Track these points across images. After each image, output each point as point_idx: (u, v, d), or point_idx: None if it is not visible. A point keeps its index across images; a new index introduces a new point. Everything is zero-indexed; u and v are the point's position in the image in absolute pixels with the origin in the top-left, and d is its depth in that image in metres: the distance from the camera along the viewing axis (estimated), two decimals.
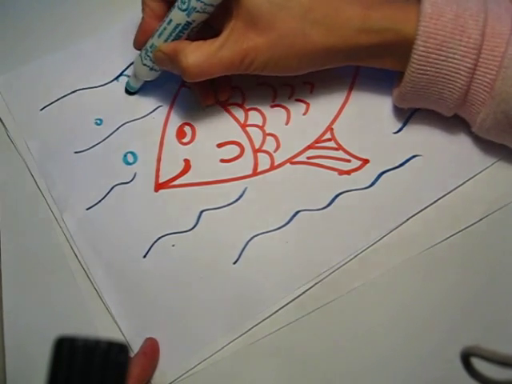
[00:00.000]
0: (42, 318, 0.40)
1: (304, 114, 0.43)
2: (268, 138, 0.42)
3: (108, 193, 0.42)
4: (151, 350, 0.37)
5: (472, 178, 0.39)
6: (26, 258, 0.41)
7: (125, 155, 0.43)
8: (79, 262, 0.41)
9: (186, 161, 0.42)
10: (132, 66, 0.44)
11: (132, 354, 0.37)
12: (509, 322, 0.36)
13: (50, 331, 0.36)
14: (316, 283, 0.38)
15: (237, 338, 0.37)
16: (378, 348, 0.36)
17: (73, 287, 0.40)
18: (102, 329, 0.39)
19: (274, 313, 0.37)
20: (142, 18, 0.41)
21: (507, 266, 0.37)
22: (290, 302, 0.37)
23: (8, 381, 0.38)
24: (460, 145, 0.40)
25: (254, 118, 0.43)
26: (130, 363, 0.22)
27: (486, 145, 0.39)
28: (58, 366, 0.21)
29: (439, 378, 0.35)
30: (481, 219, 0.38)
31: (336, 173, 0.40)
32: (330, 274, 0.38)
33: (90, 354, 0.21)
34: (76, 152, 0.44)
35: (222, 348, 0.37)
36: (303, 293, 0.38)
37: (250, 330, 0.37)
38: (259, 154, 0.42)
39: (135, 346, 0.37)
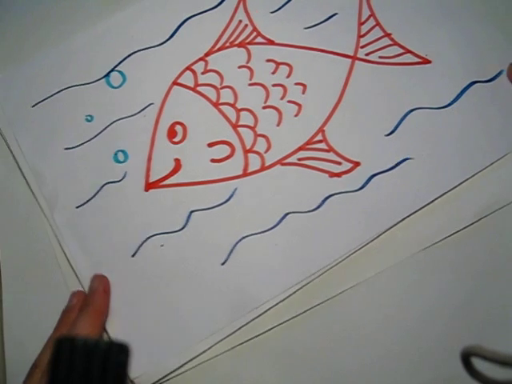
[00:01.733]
0: (42, 318, 0.39)
1: (296, 115, 0.42)
2: (259, 138, 0.42)
3: (98, 191, 0.42)
4: (108, 286, 0.39)
5: (464, 181, 0.39)
6: (23, 257, 0.41)
7: (115, 153, 0.43)
8: (68, 261, 0.41)
9: (177, 160, 0.42)
10: None
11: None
12: (508, 322, 0.36)
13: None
14: (304, 285, 0.38)
15: (224, 338, 0.37)
16: (377, 348, 0.36)
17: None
18: None
19: (261, 315, 0.37)
20: None
21: (503, 265, 0.37)
22: (277, 303, 0.37)
23: (8, 381, 0.38)
24: (452, 149, 0.40)
25: (246, 118, 0.43)
26: (129, 361, 0.22)
27: (478, 149, 0.39)
28: (58, 366, 0.21)
29: (439, 378, 0.35)
30: (472, 223, 0.38)
31: (326, 175, 0.40)
32: (318, 277, 0.38)
33: (89, 354, 0.21)
34: (66, 148, 0.43)
35: (210, 348, 0.37)
36: (290, 295, 0.37)
37: (237, 330, 0.37)
38: (250, 155, 0.42)
39: None
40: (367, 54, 0.43)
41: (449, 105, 0.41)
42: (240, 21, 0.46)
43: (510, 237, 0.38)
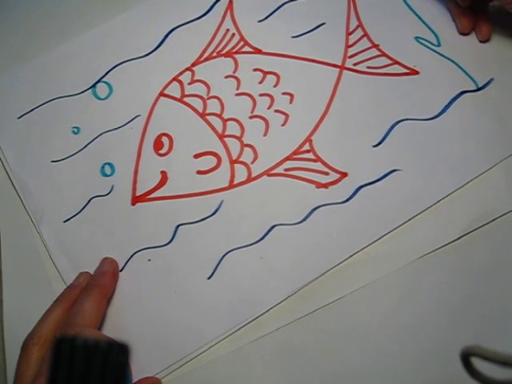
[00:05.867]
0: None
1: (283, 124, 0.42)
2: (246, 148, 0.42)
3: (86, 205, 0.42)
4: (116, 270, 0.40)
5: (453, 192, 0.39)
6: (24, 257, 0.41)
7: (102, 167, 0.43)
8: (59, 272, 0.41)
9: (163, 173, 0.42)
10: None
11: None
12: (508, 322, 0.36)
13: None
14: (289, 297, 0.38)
15: (209, 348, 0.37)
16: (377, 348, 0.36)
17: None
18: None
19: (239, 328, 0.37)
20: None
21: (501, 267, 0.37)
22: (261, 314, 0.37)
23: (8, 381, 0.38)
24: (440, 160, 0.39)
25: (233, 128, 0.42)
26: (128, 361, 0.22)
27: (466, 161, 0.39)
28: (58, 366, 0.21)
29: (439, 378, 0.35)
30: (459, 238, 0.38)
31: (313, 186, 0.40)
32: (303, 289, 0.38)
33: (89, 353, 0.21)
34: (53, 161, 0.43)
35: (196, 357, 0.37)
36: (279, 304, 0.37)
37: (222, 340, 0.37)
38: (236, 166, 0.41)
39: None
40: (355, 64, 0.43)
41: (437, 116, 0.40)
42: (227, 30, 0.45)
43: (504, 243, 0.38)
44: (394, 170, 0.40)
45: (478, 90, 0.41)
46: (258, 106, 0.43)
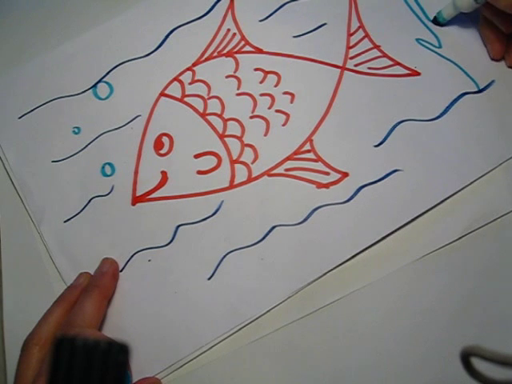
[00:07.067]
0: None
1: (283, 124, 0.42)
2: (246, 148, 0.42)
3: (86, 205, 0.42)
4: (117, 271, 0.40)
5: (454, 194, 0.39)
6: (25, 257, 0.42)
7: (103, 167, 0.43)
8: (59, 272, 0.41)
9: (163, 173, 0.42)
10: None
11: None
12: (508, 322, 0.36)
13: None
14: (289, 297, 0.38)
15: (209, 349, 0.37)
16: (377, 349, 0.36)
17: None
18: None
19: (240, 329, 0.37)
20: None
21: (501, 267, 0.37)
22: (262, 315, 0.37)
23: (8, 381, 0.38)
24: (442, 161, 0.39)
25: (233, 128, 0.42)
26: (128, 361, 0.22)
27: (467, 162, 0.39)
28: (58, 366, 0.21)
29: (439, 379, 0.35)
30: (460, 238, 0.38)
31: (314, 186, 0.40)
32: (303, 289, 0.38)
33: (89, 354, 0.21)
34: (53, 161, 0.43)
35: (196, 357, 0.37)
36: (279, 304, 0.37)
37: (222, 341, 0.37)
38: (236, 166, 0.41)
39: None
40: (356, 65, 0.43)
41: (438, 117, 0.40)
42: (228, 30, 0.45)
43: (505, 244, 0.38)
44: (396, 171, 0.40)
45: (480, 91, 0.41)
46: (259, 105, 0.43)
